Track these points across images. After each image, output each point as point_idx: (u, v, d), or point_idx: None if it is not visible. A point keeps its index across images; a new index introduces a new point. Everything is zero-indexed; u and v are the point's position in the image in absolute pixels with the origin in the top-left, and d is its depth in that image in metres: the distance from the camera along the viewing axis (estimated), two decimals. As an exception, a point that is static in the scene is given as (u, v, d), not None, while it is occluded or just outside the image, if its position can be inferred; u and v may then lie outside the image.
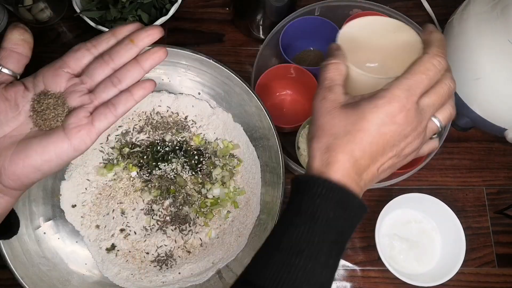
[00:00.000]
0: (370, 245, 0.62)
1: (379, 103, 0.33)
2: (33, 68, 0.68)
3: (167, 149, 0.59)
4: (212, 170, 0.59)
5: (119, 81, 0.39)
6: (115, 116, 0.39)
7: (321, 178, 0.33)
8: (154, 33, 0.39)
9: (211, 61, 0.55)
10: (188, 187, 0.59)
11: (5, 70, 0.38)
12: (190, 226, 0.57)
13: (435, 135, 0.38)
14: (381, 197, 0.64)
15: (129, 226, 0.57)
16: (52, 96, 0.38)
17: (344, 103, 0.35)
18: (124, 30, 0.40)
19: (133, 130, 0.60)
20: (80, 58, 0.39)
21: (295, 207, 0.33)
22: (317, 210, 0.32)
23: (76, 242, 0.57)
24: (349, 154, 0.33)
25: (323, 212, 0.32)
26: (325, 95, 0.36)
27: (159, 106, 0.60)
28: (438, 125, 0.36)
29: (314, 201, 0.32)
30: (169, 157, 0.59)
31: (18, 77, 0.39)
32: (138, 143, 0.59)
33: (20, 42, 0.38)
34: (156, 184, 0.58)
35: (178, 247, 0.57)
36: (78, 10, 0.66)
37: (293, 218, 0.33)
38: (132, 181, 0.59)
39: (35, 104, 0.37)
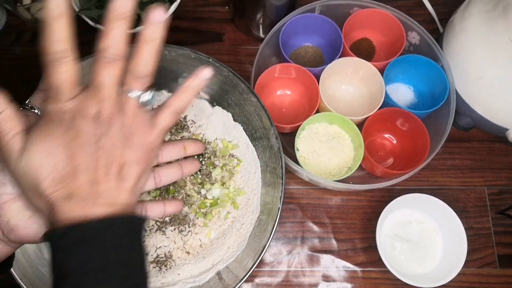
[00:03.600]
0: (371, 246, 0.62)
1: None
2: (30, 66, 0.68)
3: (166, 149, 0.59)
4: (211, 170, 0.59)
5: (160, 180, 0.40)
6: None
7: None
8: (200, 148, 0.42)
9: (210, 60, 0.54)
10: (187, 187, 0.58)
11: (36, 111, 0.36)
12: (189, 227, 0.57)
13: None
14: (382, 197, 0.64)
15: (128, 227, 0.57)
16: None
17: None
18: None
19: (132, 130, 0.59)
20: None
21: None
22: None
23: (75, 242, 0.56)
24: None
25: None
26: None
27: (158, 106, 0.60)
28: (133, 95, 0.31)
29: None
30: (169, 157, 0.58)
31: None
32: (137, 143, 0.59)
33: None
34: (156, 184, 0.58)
35: (178, 248, 0.56)
36: (76, 9, 0.66)
37: None
38: (131, 181, 0.58)
39: None
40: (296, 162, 0.59)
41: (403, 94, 0.68)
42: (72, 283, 0.28)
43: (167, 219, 0.57)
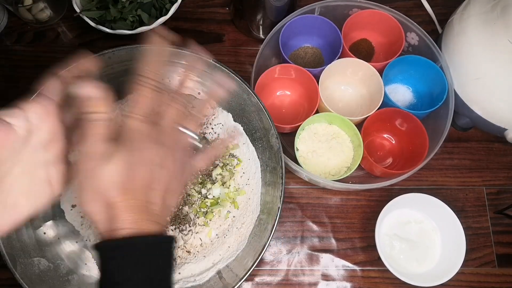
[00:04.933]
0: (370, 245, 0.62)
1: None
2: (31, 66, 0.68)
3: (167, 149, 0.59)
4: (212, 170, 0.59)
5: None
6: None
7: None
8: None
9: (211, 61, 0.55)
10: (188, 187, 0.59)
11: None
12: (190, 226, 0.57)
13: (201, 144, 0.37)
14: (381, 197, 0.64)
15: (129, 226, 0.57)
16: None
17: None
18: None
19: (133, 130, 0.60)
20: None
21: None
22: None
23: (76, 242, 0.56)
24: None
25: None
26: None
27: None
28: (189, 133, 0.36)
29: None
30: (169, 157, 0.59)
31: None
32: (138, 143, 0.59)
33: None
34: (156, 184, 0.58)
35: (178, 247, 0.57)
36: (78, 10, 0.66)
37: None
38: (132, 181, 0.58)
39: None
40: (296, 162, 0.60)
41: (402, 94, 0.69)
42: None
43: (167, 218, 0.57)
